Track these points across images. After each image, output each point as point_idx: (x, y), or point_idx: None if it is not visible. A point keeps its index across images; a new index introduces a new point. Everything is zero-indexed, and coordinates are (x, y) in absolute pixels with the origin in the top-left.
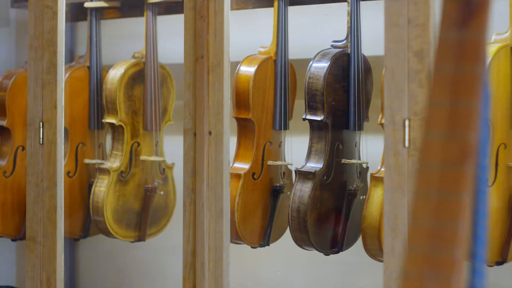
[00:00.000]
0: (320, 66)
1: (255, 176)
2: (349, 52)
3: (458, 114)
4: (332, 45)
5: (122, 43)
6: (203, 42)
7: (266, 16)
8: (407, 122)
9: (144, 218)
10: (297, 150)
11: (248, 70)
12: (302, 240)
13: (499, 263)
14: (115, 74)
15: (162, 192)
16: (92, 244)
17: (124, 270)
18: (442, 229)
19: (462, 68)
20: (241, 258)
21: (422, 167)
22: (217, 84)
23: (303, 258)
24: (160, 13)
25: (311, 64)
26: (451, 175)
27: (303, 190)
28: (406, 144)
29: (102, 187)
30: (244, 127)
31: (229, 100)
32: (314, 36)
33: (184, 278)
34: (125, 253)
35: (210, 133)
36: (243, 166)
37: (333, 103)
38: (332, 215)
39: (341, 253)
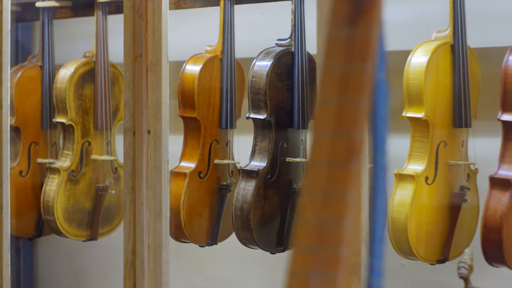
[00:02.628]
0: (263, 65)
1: (201, 175)
2: (293, 50)
3: (345, 112)
4: (276, 44)
5: (75, 43)
6: (142, 41)
7: (213, 15)
8: None
9: (95, 217)
10: (245, 149)
11: (193, 69)
12: (246, 239)
13: (441, 261)
14: (65, 74)
15: (113, 191)
16: (50, 243)
17: (81, 268)
18: (327, 228)
19: (351, 65)
20: (193, 257)
21: (309, 165)
22: (156, 83)
23: (254, 256)
24: (111, 12)
25: (254, 63)
26: (337, 174)
27: (246, 189)
28: None
29: (52, 186)
30: (190, 126)
31: (168, 99)
32: (261, 35)
33: (125, 276)
34: (81, 252)
35: (149, 132)
36: (189, 165)
37: (277, 101)
38: (276, 214)
39: (288, 251)
